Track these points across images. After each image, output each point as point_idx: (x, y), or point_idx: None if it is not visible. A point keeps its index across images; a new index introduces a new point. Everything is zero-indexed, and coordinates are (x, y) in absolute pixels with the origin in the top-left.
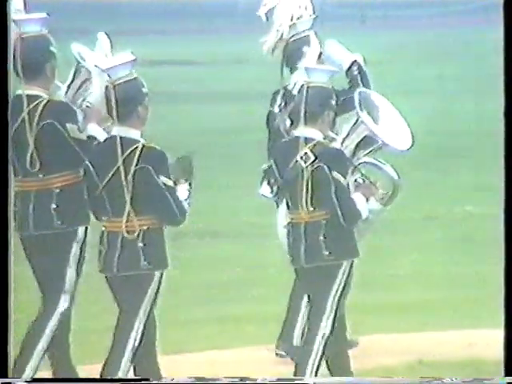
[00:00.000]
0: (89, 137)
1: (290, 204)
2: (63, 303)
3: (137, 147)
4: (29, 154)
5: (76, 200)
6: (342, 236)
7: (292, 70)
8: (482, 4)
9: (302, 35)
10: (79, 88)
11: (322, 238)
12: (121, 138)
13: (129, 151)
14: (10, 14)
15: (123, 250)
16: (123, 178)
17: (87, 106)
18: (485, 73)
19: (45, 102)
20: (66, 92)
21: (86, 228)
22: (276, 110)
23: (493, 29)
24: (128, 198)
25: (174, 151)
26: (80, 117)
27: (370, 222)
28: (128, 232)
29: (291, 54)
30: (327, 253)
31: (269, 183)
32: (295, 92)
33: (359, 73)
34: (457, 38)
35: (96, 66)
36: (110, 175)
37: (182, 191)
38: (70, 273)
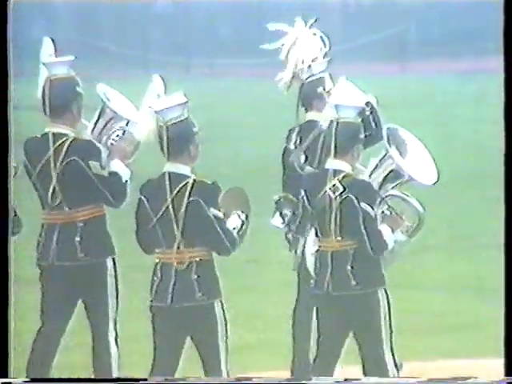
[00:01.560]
0: (110, 173)
1: (318, 232)
2: (112, 331)
3: (188, 182)
4: (51, 189)
5: (100, 233)
6: (369, 266)
7: (307, 109)
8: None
9: (317, 76)
10: (104, 127)
11: (349, 267)
12: (172, 173)
13: (180, 186)
14: (10, 14)
15: (177, 282)
16: (174, 211)
17: (111, 144)
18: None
19: (70, 140)
20: (92, 130)
21: (114, 259)
22: (291, 146)
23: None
24: (179, 231)
25: None
26: (104, 154)
27: (396, 252)
28: (178, 263)
29: (307, 95)
30: (355, 283)
31: (280, 214)
32: (324, 127)
33: (371, 113)
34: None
35: (150, 107)
36: (163, 209)
37: (233, 221)
38: (112, 302)
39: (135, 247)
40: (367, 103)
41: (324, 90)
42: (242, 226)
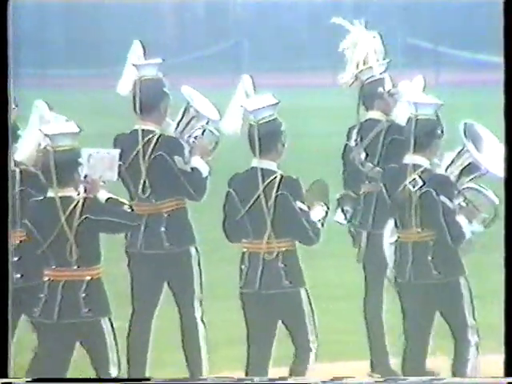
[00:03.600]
0: (192, 168)
1: (398, 224)
2: (198, 311)
3: (276, 177)
4: (141, 182)
5: (183, 224)
6: (449, 256)
7: (368, 108)
8: None
9: (378, 77)
10: (186, 125)
11: (430, 257)
12: (262, 169)
13: (269, 180)
14: (10, 14)
15: (265, 270)
16: (264, 204)
17: (193, 142)
18: None
19: (157, 136)
20: (176, 128)
21: (196, 248)
22: (352, 144)
23: None
24: (269, 222)
25: None
26: (186, 150)
27: (472, 242)
28: (268, 253)
29: (367, 94)
30: (436, 272)
31: (342, 211)
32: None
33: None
34: None
35: (242, 106)
36: (252, 201)
37: (318, 213)
38: (197, 286)
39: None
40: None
41: (384, 90)
42: (324, 218)
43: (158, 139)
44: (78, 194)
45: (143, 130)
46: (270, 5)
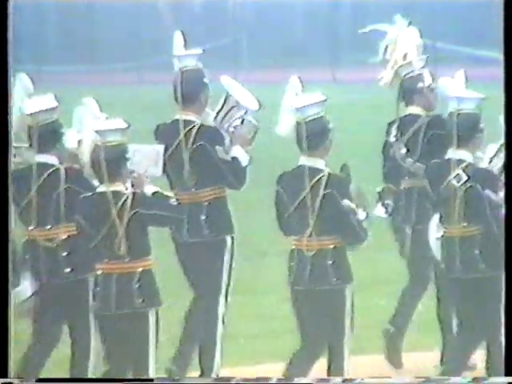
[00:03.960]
0: (233, 158)
1: (443, 219)
2: (222, 306)
3: (323, 175)
4: (185, 171)
5: (222, 213)
6: (496, 249)
7: (407, 103)
8: None
9: (417, 73)
10: (226, 115)
11: (477, 251)
12: (309, 167)
13: (316, 178)
14: (10, 14)
15: (313, 267)
16: (310, 202)
17: (232, 131)
18: None
19: (198, 126)
20: (215, 118)
21: (233, 237)
22: (392, 139)
23: None
24: (313, 220)
25: None
26: (226, 140)
27: None
28: (309, 250)
29: (407, 90)
30: (484, 266)
31: (383, 204)
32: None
33: None
34: None
35: (290, 105)
36: (300, 198)
37: (362, 213)
38: (225, 277)
39: None
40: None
41: (424, 85)
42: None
43: (198, 129)
44: (127, 189)
45: (184, 121)
46: (268, 2)
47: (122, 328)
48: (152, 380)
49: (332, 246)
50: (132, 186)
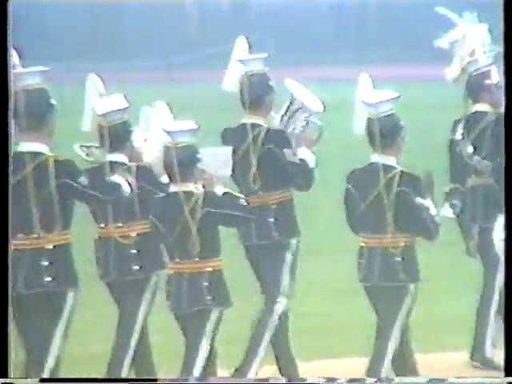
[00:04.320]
0: (300, 159)
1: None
2: (282, 305)
3: (396, 172)
4: (251, 174)
5: (290, 215)
6: None
7: (474, 101)
8: None
9: (484, 70)
10: (290, 117)
11: None
12: (382, 164)
13: (389, 176)
14: (9, 15)
15: (382, 264)
16: (385, 200)
17: (297, 134)
18: None
19: (265, 129)
20: (281, 121)
21: (298, 240)
22: (458, 137)
23: None
24: (391, 218)
25: None
26: (293, 142)
27: None
28: (387, 247)
29: (474, 87)
30: None
31: (451, 205)
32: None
33: None
34: None
35: (363, 101)
36: (372, 197)
37: (432, 207)
38: (286, 278)
39: None
40: None
41: (491, 82)
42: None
43: (266, 133)
44: (197, 190)
45: (252, 124)
46: None
47: (185, 326)
48: (156, 380)
49: (403, 244)
50: (203, 186)
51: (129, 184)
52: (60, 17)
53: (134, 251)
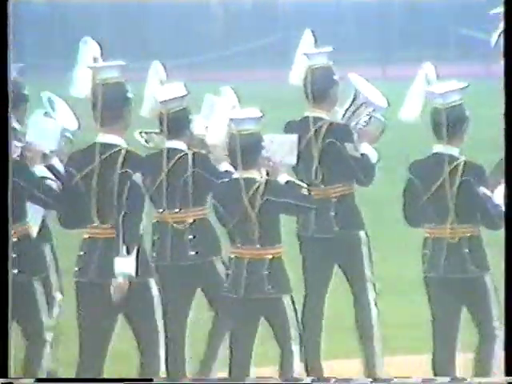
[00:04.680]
0: (362, 154)
1: None
2: (371, 293)
3: (459, 163)
4: (313, 167)
5: (350, 209)
6: None
7: None
8: None
9: None
10: (354, 112)
11: None
12: (446, 155)
13: (452, 166)
14: (9, 14)
15: (449, 255)
16: (448, 190)
17: (360, 128)
18: None
19: (328, 123)
20: (344, 115)
21: (366, 232)
22: None
23: None
24: (452, 208)
25: None
26: (355, 137)
27: None
28: (451, 238)
29: None
30: None
31: None
32: None
33: None
34: None
35: (429, 91)
36: (435, 187)
37: (500, 193)
38: (368, 268)
39: None
40: None
41: None
42: None
43: (329, 126)
44: (261, 177)
45: (314, 118)
46: None
47: (254, 312)
48: (151, 380)
49: (469, 235)
50: (267, 174)
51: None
52: (82, 17)
53: (190, 237)
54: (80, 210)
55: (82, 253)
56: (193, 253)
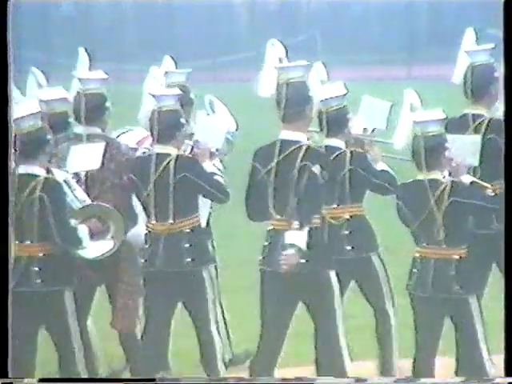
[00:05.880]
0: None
1: None
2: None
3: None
4: None
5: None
6: None
7: None
8: None
9: None
10: None
11: None
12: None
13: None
14: (9, 14)
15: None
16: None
17: None
18: None
19: (487, 120)
20: None
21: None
22: None
23: None
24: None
25: None
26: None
27: None
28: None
29: None
30: None
31: None
32: None
33: None
34: None
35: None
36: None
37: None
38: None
39: None
40: None
41: None
42: None
43: (488, 123)
44: (444, 178)
45: (473, 115)
46: None
47: (440, 311)
48: (154, 380)
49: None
50: (449, 174)
51: None
52: (108, 18)
53: (347, 232)
54: (264, 203)
55: (266, 243)
56: (349, 248)
